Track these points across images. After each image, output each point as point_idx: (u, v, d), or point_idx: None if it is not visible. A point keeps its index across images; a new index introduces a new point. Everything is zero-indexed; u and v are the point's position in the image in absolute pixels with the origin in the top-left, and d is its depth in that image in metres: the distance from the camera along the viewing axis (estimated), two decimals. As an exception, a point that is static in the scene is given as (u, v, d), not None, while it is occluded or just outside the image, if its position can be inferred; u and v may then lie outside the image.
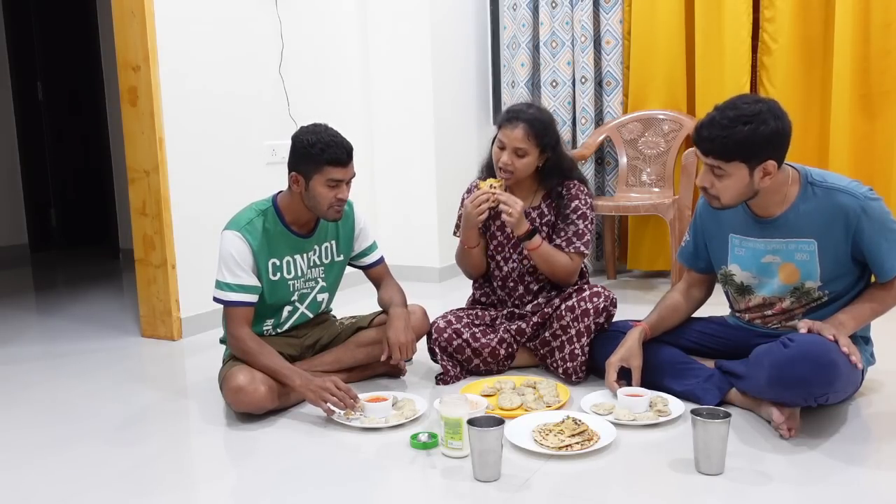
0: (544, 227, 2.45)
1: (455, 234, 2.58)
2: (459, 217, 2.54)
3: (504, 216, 2.30)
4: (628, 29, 3.88)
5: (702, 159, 1.89)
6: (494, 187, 2.32)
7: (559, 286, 2.49)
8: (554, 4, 3.97)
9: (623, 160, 3.88)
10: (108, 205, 5.45)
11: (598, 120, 4.02)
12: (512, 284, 2.51)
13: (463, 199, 2.56)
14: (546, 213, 2.46)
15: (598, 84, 4.01)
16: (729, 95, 3.70)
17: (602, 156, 4.05)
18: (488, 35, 4.36)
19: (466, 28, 4.27)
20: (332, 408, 2.06)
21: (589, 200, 2.44)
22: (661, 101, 3.80)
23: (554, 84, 4.01)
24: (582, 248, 2.40)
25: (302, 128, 2.18)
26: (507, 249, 2.50)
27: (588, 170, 3.97)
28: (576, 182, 2.46)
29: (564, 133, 4.02)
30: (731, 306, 2.22)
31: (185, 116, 3.10)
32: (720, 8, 3.59)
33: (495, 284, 2.55)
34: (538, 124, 2.35)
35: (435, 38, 4.01)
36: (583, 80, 3.95)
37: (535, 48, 4.09)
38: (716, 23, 3.61)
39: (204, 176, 3.18)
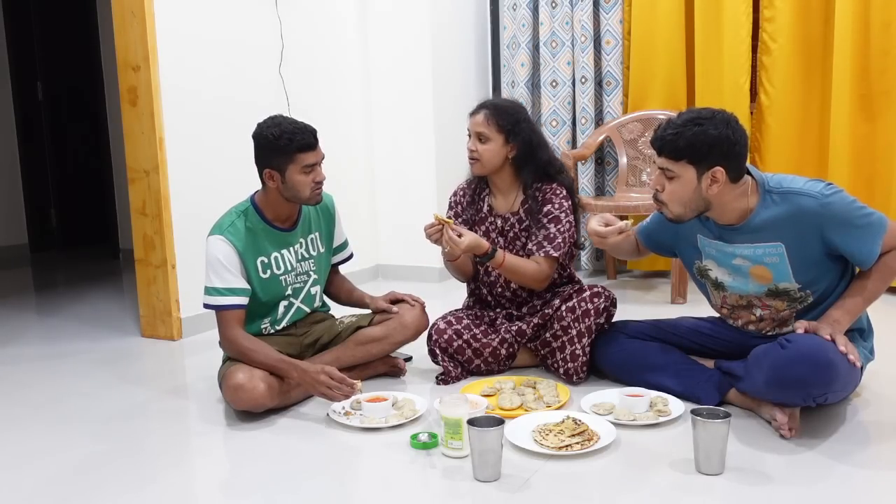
0: (522, 234, 2.44)
1: None
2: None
3: (446, 257, 2.34)
4: (628, 29, 3.88)
5: (656, 162, 1.92)
6: (442, 220, 2.23)
7: (552, 289, 2.48)
8: (554, 4, 3.97)
9: (623, 160, 3.88)
10: (108, 205, 5.46)
11: (598, 120, 4.02)
12: (500, 290, 2.50)
13: (450, 203, 2.57)
14: (524, 218, 2.44)
15: (598, 84, 4.01)
16: (729, 95, 3.74)
17: (602, 156, 4.05)
18: (488, 35, 4.37)
19: (466, 28, 4.27)
20: (332, 404, 2.07)
21: (565, 204, 2.39)
22: (661, 101, 3.80)
23: (554, 84, 4.01)
24: (552, 252, 2.34)
25: (260, 124, 2.21)
26: None
27: (588, 170, 3.97)
28: (553, 186, 2.41)
29: (564, 133, 4.02)
30: (710, 302, 2.20)
31: (185, 116, 3.10)
32: (720, 8, 3.59)
33: (485, 290, 2.54)
34: (500, 109, 2.39)
35: (435, 38, 4.01)
36: (583, 80, 3.95)
37: (535, 48, 4.09)
38: (715, 23, 3.61)
39: (204, 176, 3.18)
